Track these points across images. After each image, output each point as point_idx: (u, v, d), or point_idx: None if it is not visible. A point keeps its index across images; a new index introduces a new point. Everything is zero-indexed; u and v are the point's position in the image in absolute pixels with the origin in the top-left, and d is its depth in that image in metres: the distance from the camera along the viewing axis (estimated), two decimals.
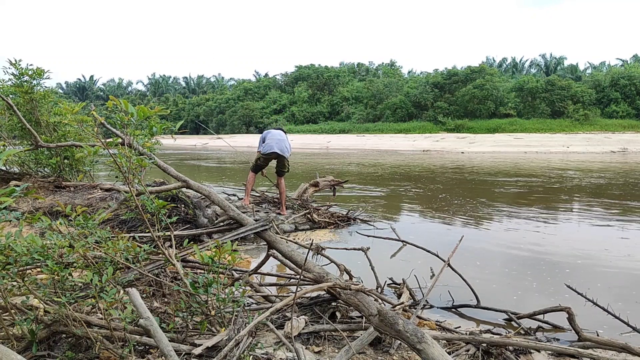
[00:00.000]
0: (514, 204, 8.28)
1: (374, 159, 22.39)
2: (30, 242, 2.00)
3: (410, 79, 54.30)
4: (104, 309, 2.01)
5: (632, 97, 37.68)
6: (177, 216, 4.89)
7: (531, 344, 2.46)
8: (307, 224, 6.13)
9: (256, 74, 71.09)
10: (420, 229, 6.26)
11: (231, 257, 2.32)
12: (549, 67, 55.38)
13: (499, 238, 5.69)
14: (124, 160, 2.27)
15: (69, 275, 2.13)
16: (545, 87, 39.20)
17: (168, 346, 1.77)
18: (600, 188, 10.35)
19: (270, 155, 6.11)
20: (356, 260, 4.26)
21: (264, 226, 3.13)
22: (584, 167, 16.15)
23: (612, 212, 7.39)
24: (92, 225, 2.38)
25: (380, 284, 3.56)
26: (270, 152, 6.06)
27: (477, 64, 43.88)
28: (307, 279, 2.66)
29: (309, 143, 35.56)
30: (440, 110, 41.43)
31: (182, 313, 2.24)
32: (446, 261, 3.62)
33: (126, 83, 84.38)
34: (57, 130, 6.87)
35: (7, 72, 6.66)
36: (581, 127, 34.66)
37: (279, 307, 2.12)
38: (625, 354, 2.52)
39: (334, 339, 2.48)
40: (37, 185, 6.08)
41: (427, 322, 2.91)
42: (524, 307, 3.29)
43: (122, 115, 2.26)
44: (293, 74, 58.17)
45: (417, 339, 1.82)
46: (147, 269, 2.70)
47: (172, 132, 2.79)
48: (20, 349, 1.99)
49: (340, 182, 7.78)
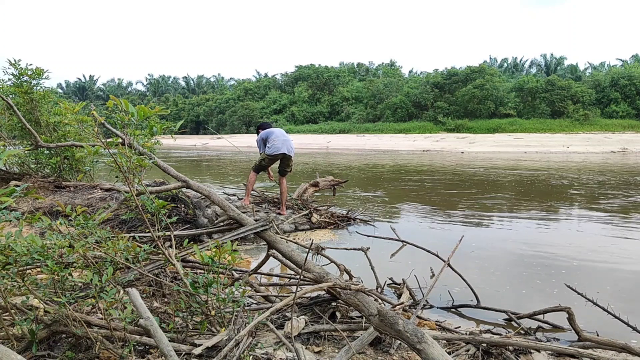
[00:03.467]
0: (514, 203, 8.28)
1: (374, 159, 22.39)
2: (30, 242, 2.00)
3: (410, 79, 54.29)
4: (104, 309, 2.01)
5: (632, 97, 37.69)
6: (177, 216, 4.88)
7: (531, 344, 2.46)
8: (307, 224, 6.13)
9: (257, 74, 71.18)
10: (420, 229, 6.26)
11: (231, 257, 2.31)
12: (549, 67, 55.39)
13: (499, 238, 5.69)
14: (124, 160, 2.27)
15: (69, 275, 2.13)
16: (545, 87, 39.21)
17: (168, 346, 1.77)
18: (601, 188, 10.35)
19: (277, 156, 6.08)
20: (356, 260, 4.26)
21: (264, 226, 3.13)
22: (584, 167, 16.15)
23: (612, 212, 7.39)
24: (92, 225, 2.38)
25: (380, 284, 3.56)
26: (277, 154, 6.02)
27: (477, 64, 43.90)
28: (307, 279, 2.65)
29: (309, 143, 35.55)
30: (440, 110, 41.43)
31: (182, 313, 2.24)
32: (446, 261, 3.62)
33: (126, 83, 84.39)
34: (57, 130, 6.86)
35: (6, 72, 6.66)
36: (581, 127, 34.66)
37: (279, 307, 2.12)
38: (625, 354, 2.52)
39: (334, 339, 2.48)
40: (37, 185, 6.07)
41: (427, 322, 2.91)
42: (524, 307, 3.29)
43: (122, 115, 2.26)
44: (293, 74, 58.16)
45: (417, 339, 1.82)
46: (147, 269, 2.70)
47: (172, 132, 2.79)
48: (20, 349, 1.99)
49: (340, 182, 7.78)
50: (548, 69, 55.02)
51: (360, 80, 55.74)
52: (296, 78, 56.91)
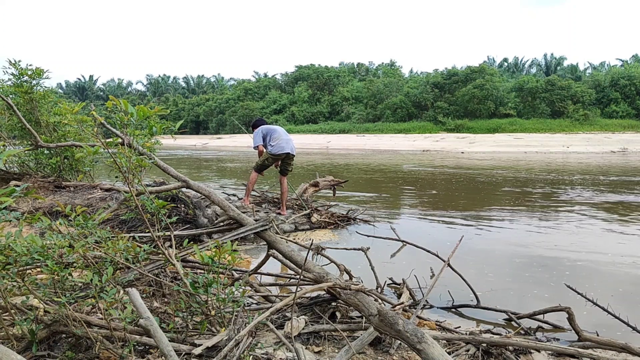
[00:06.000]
0: (514, 203, 8.27)
1: (374, 158, 22.39)
2: (30, 242, 2.00)
3: (410, 78, 54.28)
4: (104, 309, 2.01)
5: (632, 97, 37.70)
6: (177, 216, 4.88)
7: (531, 344, 2.46)
8: (307, 224, 6.13)
9: (255, 74, 71.09)
10: (420, 229, 6.25)
11: (231, 257, 2.31)
12: (549, 67, 55.41)
13: (499, 238, 5.69)
14: (124, 160, 2.27)
15: (69, 275, 2.13)
16: (545, 87, 39.20)
17: (168, 346, 1.77)
18: (601, 187, 10.35)
19: (281, 156, 6.08)
20: (356, 260, 4.26)
21: (264, 226, 3.13)
22: (584, 167, 16.15)
23: (612, 212, 7.39)
24: (92, 225, 2.38)
25: (380, 284, 3.56)
26: (281, 153, 6.02)
27: (478, 64, 43.88)
28: (307, 279, 2.65)
29: (309, 143, 35.54)
30: (440, 110, 41.41)
31: (182, 313, 2.24)
32: (446, 261, 3.62)
33: (126, 83, 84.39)
34: (57, 130, 6.87)
35: (6, 72, 6.67)
36: (581, 127, 34.66)
37: (279, 307, 2.12)
38: (625, 354, 2.52)
39: (334, 339, 2.48)
40: (37, 185, 6.07)
41: (427, 322, 2.91)
42: (524, 307, 3.29)
43: (122, 115, 2.26)
44: (293, 74, 58.15)
45: (417, 339, 1.82)
46: (147, 269, 2.70)
47: (172, 132, 2.79)
48: (20, 349, 1.99)
49: (340, 182, 7.78)
50: (548, 69, 55.03)
51: (360, 80, 55.70)
52: (296, 78, 56.89)
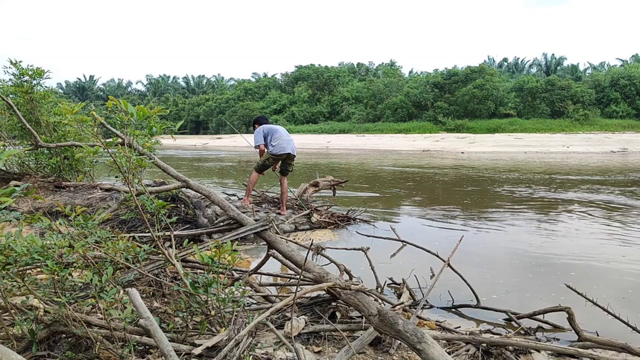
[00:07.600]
0: (514, 203, 8.27)
1: (374, 158, 22.38)
2: (30, 242, 2.00)
3: (411, 79, 54.26)
4: (104, 309, 2.01)
5: (632, 97, 37.70)
6: (177, 216, 4.88)
7: (531, 344, 2.46)
8: (307, 224, 6.13)
9: (254, 75, 71.03)
10: (420, 229, 6.25)
11: (231, 257, 2.31)
12: (549, 67, 55.41)
13: (499, 238, 5.69)
14: (123, 160, 2.26)
15: (69, 275, 2.13)
16: (545, 87, 39.21)
17: (168, 346, 1.77)
18: (601, 188, 10.35)
19: (282, 156, 6.07)
20: (356, 260, 4.25)
21: (264, 226, 3.13)
22: (584, 167, 16.15)
23: (612, 212, 7.39)
24: (92, 225, 2.38)
25: (380, 284, 3.56)
26: (282, 153, 6.01)
27: (478, 64, 43.89)
28: (307, 279, 2.65)
29: (309, 143, 35.52)
30: (440, 110, 41.40)
31: (182, 313, 2.24)
32: (446, 261, 3.62)
33: (126, 83, 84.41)
34: (57, 130, 6.87)
35: (7, 72, 6.67)
36: (581, 127, 34.65)
37: (279, 307, 2.12)
38: (625, 354, 2.52)
39: (334, 339, 2.48)
40: (37, 185, 6.07)
41: (427, 322, 2.91)
42: (524, 307, 3.29)
43: (122, 115, 2.26)
44: (293, 74, 58.14)
45: (417, 339, 1.82)
46: (147, 269, 2.70)
47: (172, 132, 2.79)
48: (20, 349, 1.99)
49: (340, 182, 7.78)
50: (548, 69, 55.03)
51: (360, 80, 55.69)
52: (296, 78, 56.87)
